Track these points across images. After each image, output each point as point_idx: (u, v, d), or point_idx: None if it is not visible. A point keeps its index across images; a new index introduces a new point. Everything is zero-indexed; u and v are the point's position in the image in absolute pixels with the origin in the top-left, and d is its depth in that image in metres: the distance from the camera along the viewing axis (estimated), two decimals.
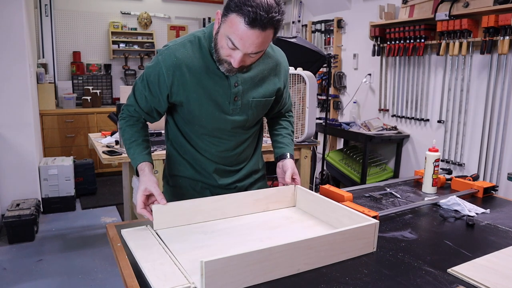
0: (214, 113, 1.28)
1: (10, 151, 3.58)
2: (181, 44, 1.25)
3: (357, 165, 3.84)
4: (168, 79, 1.23)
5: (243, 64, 1.16)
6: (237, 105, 1.29)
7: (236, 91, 1.27)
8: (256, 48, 1.10)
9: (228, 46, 1.11)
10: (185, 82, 1.24)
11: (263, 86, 1.33)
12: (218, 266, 0.84)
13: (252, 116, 1.35)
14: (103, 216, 3.84)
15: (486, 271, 0.97)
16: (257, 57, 1.17)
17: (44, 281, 2.66)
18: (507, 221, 1.33)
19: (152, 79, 1.26)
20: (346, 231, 1.03)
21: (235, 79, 1.25)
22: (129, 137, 1.34)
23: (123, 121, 1.37)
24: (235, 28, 1.07)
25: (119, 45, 5.46)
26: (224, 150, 1.39)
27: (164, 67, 1.23)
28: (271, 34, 1.11)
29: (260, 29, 1.06)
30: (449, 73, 3.22)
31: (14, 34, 3.47)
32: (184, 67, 1.23)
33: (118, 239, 1.12)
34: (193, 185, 1.43)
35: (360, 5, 4.10)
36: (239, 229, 1.21)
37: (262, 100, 1.34)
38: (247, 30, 1.06)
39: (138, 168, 1.28)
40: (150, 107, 1.32)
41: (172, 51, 1.24)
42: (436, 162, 1.58)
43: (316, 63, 3.44)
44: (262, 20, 1.04)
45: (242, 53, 1.11)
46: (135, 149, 1.31)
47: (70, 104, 4.92)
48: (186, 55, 1.23)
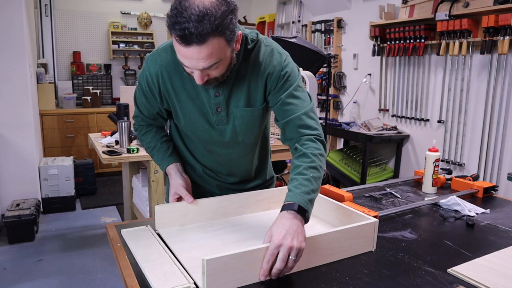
0: (199, 123, 1.21)
1: (10, 151, 3.58)
2: (163, 50, 1.18)
3: (357, 165, 3.84)
4: (155, 86, 1.20)
5: (209, 77, 1.04)
6: (221, 116, 1.19)
7: (218, 101, 1.17)
8: (207, 62, 0.97)
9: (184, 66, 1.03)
10: (168, 90, 1.19)
11: (247, 94, 1.18)
12: (220, 264, 0.85)
13: (240, 128, 1.21)
14: (103, 216, 3.84)
15: (486, 271, 0.97)
16: (221, 67, 1.03)
17: (44, 281, 2.66)
18: (507, 221, 1.33)
19: (144, 86, 1.23)
20: (345, 229, 1.03)
21: (215, 88, 1.15)
22: (148, 145, 1.35)
23: (137, 132, 1.39)
24: (177, 49, 0.97)
25: (119, 45, 5.46)
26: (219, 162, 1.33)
27: (149, 74, 1.19)
28: (219, 41, 0.95)
29: (198, 44, 0.92)
30: (449, 73, 3.22)
31: (14, 34, 3.47)
32: (166, 75, 1.17)
33: (118, 239, 1.12)
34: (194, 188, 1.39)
35: (360, 5, 4.10)
36: (240, 228, 1.21)
37: (247, 109, 1.19)
38: (185, 49, 0.94)
39: (167, 169, 1.31)
40: (153, 113, 1.30)
41: (154, 57, 1.18)
42: (436, 162, 1.58)
43: (316, 63, 3.44)
44: (194, 34, 0.91)
45: (198, 71, 1.00)
46: (157, 155, 1.33)
47: (70, 104, 4.92)
48: (167, 61, 1.16)
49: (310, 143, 1.13)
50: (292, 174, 1.08)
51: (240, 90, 1.17)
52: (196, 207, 1.23)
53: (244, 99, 1.18)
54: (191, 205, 1.22)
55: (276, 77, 1.17)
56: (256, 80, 1.17)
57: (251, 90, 1.18)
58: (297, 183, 1.04)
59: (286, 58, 1.20)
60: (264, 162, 1.44)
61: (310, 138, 1.14)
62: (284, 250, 0.89)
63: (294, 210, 0.98)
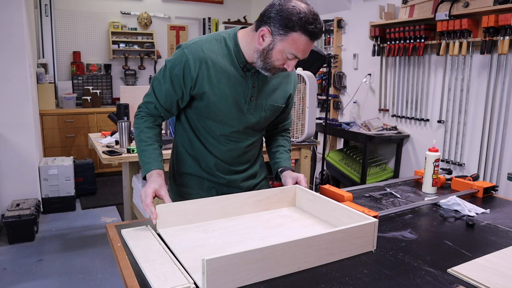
0: (231, 109, 1.34)
1: (10, 151, 3.58)
2: (207, 41, 1.31)
3: (357, 165, 3.84)
4: (195, 71, 1.28)
5: None
6: (251, 105, 1.36)
7: (253, 91, 1.34)
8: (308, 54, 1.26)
9: (286, 58, 1.24)
10: (209, 76, 1.29)
11: (276, 92, 1.41)
12: (220, 264, 0.85)
13: (263, 119, 1.41)
14: (103, 216, 3.84)
15: (486, 271, 0.97)
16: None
17: (44, 281, 2.66)
18: (507, 221, 1.33)
19: (177, 71, 1.29)
20: (346, 229, 1.03)
21: (253, 80, 1.33)
22: (147, 139, 1.35)
23: (141, 120, 1.38)
24: (299, 44, 1.20)
25: (119, 45, 5.46)
26: (232, 149, 1.42)
27: (191, 59, 1.27)
28: None
29: (316, 40, 1.22)
30: (449, 73, 3.22)
31: (14, 34, 3.47)
32: (210, 62, 1.28)
33: (118, 239, 1.12)
34: (199, 183, 1.46)
35: (360, 5, 4.10)
36: (240, 228, 1.22)
37: (274, 105, 1.41)
38: (310, 43, 1.21)
39: (153, 172, 1.29)
40: (171, 102, 1.35)
41: (199, 45, 1.29)
42: (436, 162, 1.58)
43: (316, 63, 3.44)
44: (319, 32, 1.20)
45: (295, 61, 1.25)
46: (152, 153, 1.33)
47: (70, 104, 4.92)
48: (212, 51, 1.30)
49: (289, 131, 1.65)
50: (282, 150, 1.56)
51: (270, 87, 1.39)
52: (196, 207, 1.23)
53: (273, 96, 1.40)
54: (191, 205, 1.23)
55: (295, 88, 1.50)
56: (284, 82, 1.44)
57: (279, 89, 1.42)
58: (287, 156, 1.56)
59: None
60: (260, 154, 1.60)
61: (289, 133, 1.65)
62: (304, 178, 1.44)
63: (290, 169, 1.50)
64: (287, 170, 1.49)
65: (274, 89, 1.40)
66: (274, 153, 1.56)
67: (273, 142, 1.60)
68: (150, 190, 1.22)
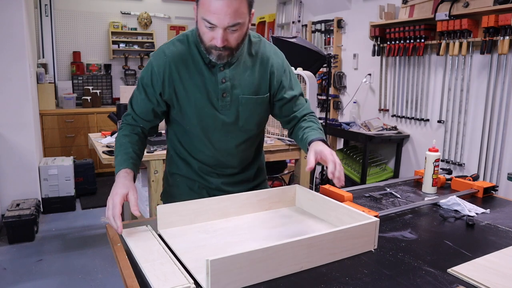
0: (204, 109, 1.29)
1: (10, 151, 3.58)
2: (170, 43, 1.29)
3: (357, 165, 3.84)
4: (160, 76, 1.26)
5: (228, 44, 1.16)
6: (225, 102, 1.29)
7: (224, 87, 1.27)
8: (232, 19, 1.10)
9: (207, 28, 1.13)
10: (175, 79, 1.27)
11: (253, 82, 1.31)
12: (224, 265, 0.85)
13: (243, 114, 1.32)
14: (103, 216, 3.84)
15: (486, 271, 0.97)
16: (239, 33, 1.16)
17: (44, 281, 2.66)
18: (507, 221, 1.33)
19: (146, 80, 1.29)
20: (347, 229, 1.03)
21: (222, 75, 1.26)
22: (120, 145, 1.31)
23: (120, 131, 1.36)
24: (207, 6, 1.09)
25: (119, 45, 5.46)
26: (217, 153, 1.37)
27: (155, 66, 1.27)
28: (243, 2, 1.12)
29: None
30: (449, 73, 3.22)
31: (14, 34, 3.47)
32: (173, 65, 1.26)
33: (118, 239, 1.12)
34: (190, 184, 1.43)
35: (360, 5, 4.10)
36: (241, 228, 1.22)
37: (253, 98, 1.31)
38: (217, 2, 1.08)
39: (119, 173, 1.21)
40: (147, 111, 1.33)
41: (161, 50, 1.29)
42: (436, 162, 1.58)
43: (316, 63, 3.44)
44: None
45: (221, 29, 1.12)
46: (123, 155, 1.27)
47: (70, 104, 4.92)
48: (175, 52, 1.27)
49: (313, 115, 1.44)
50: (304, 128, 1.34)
51: (245, 79, 1.30)
52: (197, 207, 1.23)
53: (251, 87, 1.31)
54: (192, 206, 1.22)
55: (281, 75, 1.36)
56: (262, 71, 1.33)
57: (257, 79, 1.32)
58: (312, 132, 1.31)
59: (284, 58, 1.40)
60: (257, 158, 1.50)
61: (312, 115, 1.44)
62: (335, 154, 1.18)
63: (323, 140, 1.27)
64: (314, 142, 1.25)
65: (251, 81, 1.31)
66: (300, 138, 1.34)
67: (297, 131, 1.38)
68: (118, 199, 1.13)
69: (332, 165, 1.14)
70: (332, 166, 1.14)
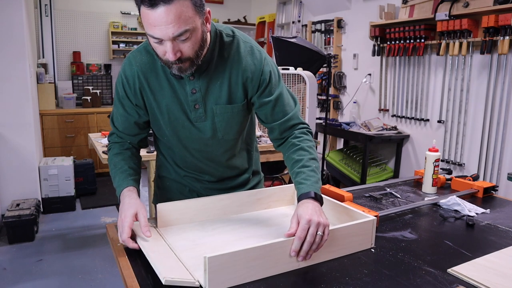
0: (178, 121, 1.19)
1: (10, 151, 3.58)
2: (137, 52, 1.19)
3: (357, 165, 3.84)
4: (131, 88, 1.18)
5: (182, 55, 1.01)
6: (199, 113, 1.17)
7: (195, 98, 1.15)
8: (176, 28, 0.95)
9: (155, 43, 1.01)
10: (145, 91, 1.18)
11: (226, 90, 1.16)
12: (221, 262, 0.85)
13: (220, 125, 1.19)
14: (103, 216, 3.84)
15: (486, 271, 0.97)
16: (193, 40, 1.01)
17: (44, 281, 2.66)
18: (507, 221, 1.33)
19: (121, 94, 1.21)
20: (344, 227, 1.04)
21: (192, 85, 1.14)
22: (115, 166, 1.22)
23: (109, 151, 1.28)
24: (146, 20, 0.97)
25: (119, 45, 5.46)
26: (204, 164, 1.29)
27: (125, 77, 1.18)
28: (186, 4, 0.95)
29: (164, 4, 0.92)
30: (449, 73, 3.22)
31: (14, 34, 3.47)
32: (142, 75, 1.16)
33: (118, 239, 1.12)
34: (180, 188, 1.37)
35: (360, 5, 4.10)
36: (240, 226, 1.22)
37: (228, 107, 1.17)
38: (153, 12, 0.94)
39: (123, 193, 1.14)
40: (129, 125, 1.24)
41: (129, 60, 1.18)
42: (436, 162, 1.58)
43: (316, 63, 3.44)
44: None
45: (169, 42, 0.98)
46: (121, 174, 1.19)
47: (70, 104, 4.92)
48: (142, 62, 1.16)
49: (304, 136, 1.21)
50: (296, 168, 1.13)
51: (219, 87, 1.16)
52: (197, 206, 1.24)
53: (224, 96, 1.17)
54: (191, 204, 1.23)
55: (258, 77, 1.17)
56: (236, 76, 1.16)
57: (231, 86, 1.17)
58: (305, 176, 1.10)
59: (265, 56, 1.20)
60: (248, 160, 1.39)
61: (303, 131, 1.22)
62: (314, 225, 0.96)
63: (312, 197, 1.05)
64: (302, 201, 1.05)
65: (224, 88, 1.16)
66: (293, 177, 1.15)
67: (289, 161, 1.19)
68: (128, 222, 1.04)
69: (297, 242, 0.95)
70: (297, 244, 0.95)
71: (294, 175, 1.13)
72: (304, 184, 1.08)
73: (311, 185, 1.07)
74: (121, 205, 1.11)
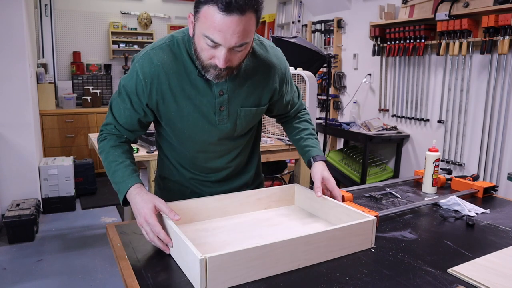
0: (198, 124, 1.17)
1: (10, 151, 3.58)
2: (158, 48, 1.12)
3: (357, 165, 3.84)
4: (146, 87, 1.11)
5: (230, 64, 1.02)
6: (223, 115, 1.17)
7: (222, 100, 1.14)
8: (239, 39, 0.96)
9: (208, 45, 0.98)
10: (164, 92, 1.12)
11: (254, 93, 1.19)
12: (222, 262, 0.86)
13: (240, 126, 1.22)
14: (103, 216, 3.84)
15: (486, 271, 0.97)
16: (244, 52, 1.03)
17: (44, 281, 2.66)
18: (507, 221, 1.33)
19: (130, 89, 1.14)
20: (344, 227, 1.04)
21: (220, 87, 1.12)
22: (116, 158, 1.16)
23: (104, 141, 1.21)
24: (210, 21, 0.93)
25: (119, 45, 5.46)
26: (210, 164, 1.30)
27: (141, 74, 1.11)
28: (253, 19, 0.96)
29: (239, 14, 0.92)
30: (449, 73, 3.22)
31: (14, 34, 3.47)
32: (163, 75, 1.11)
33: (118, 239, 1.12)
34: (182, 190, 1.37)
35: (360, 5, 4.10)
36: (240, 226, 1.22)
37: (252, 109, 1.21)
38: (224, 18, 0.92)
39: (131, 190, 1.10)
40: (132, 121, 1.19)
41: (149, 57, 1.11)
42: (436, 162, 1.58)
43: (316, 63, 3.45)
44: (238, 2, 0.91)
45: (225, 49, 0.97)
46: (125, 170, 1.14)
47: (70, 104, 4.92)
48: (164, 60, 1.11)
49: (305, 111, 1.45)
50: (304, 134, 1.37)
51: (245, 90, 1.17)
52: (197, 205, 1.23)
53: (251, 99, 1.19)
54: (191, 204, 1.23)
55: (283, 80, 1.26)
56: (264, 80, 1.19)
57: (259, 89, 1.20)
58: (313, 142, 1.36)
59: (284, 57, 1.28)
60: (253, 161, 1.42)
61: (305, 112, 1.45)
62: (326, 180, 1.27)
63: (324, 160, 1.32)
64: (319, 161, 1.29)
65: (251, 92, 1.18)
66: (298, 141, 1.37)
67: (293, 129, 1.39)
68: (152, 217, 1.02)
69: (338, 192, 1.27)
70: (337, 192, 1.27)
71: (302, 140, 1.36)
72: (315, 147, 1.34)
73: (320, 151, 1.34)
74: (134, 206, 1.07)
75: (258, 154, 1.44)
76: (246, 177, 1.41)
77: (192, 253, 0.86)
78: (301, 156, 1.38)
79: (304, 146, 1.35)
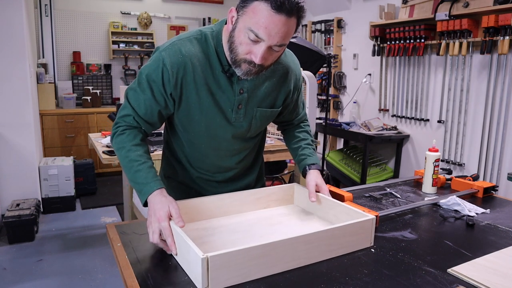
0: (215, 119, 1.18)
1: (10, 151, 3.58)
2: (186, 40, 1.13)
3: (357, 165, 3.84)
4: (173, 76, 1.11)
5: (264, 62, 1.05)
6: (240, 114, 1.19)
7: (241, 98, 1.17)
8: (281, 39, 1.00)
9: (249, 39, 1.01)
10: (188, 83, 1.13)
11: (271, 95, 1.23)
12: (223, 261, 0.86)
13: (254, 126, 1.25)
14: (103, 216, 3.84)
15: (486, 271, 0.97)
16: (279, 53, 1.07)
17: (44, 281, 2.66)
18: (507, 221, 1.33)
19: (155, 77, 1.12)
20: (344, 226, 1.04)
21: (241, 85, 1.15)
22: (138, 158, 1.13)
23: (123, 136, 1.17)
24: (259, 16, 0.97)
25: (119, 45, 5.46)
26: (219, 161, 1.31)
27: (168, 63, 1.10)
28: (295, 24, 1.02)
29: (287, 15, 0.97)
30: (449, 73, 3.22)
31: (14, 34, 3.47)
32: (190, 66, 1.12)
33: (118, 239, 1.12)
34: (186, 190, 1.37)
35: (360, 5, 4.10)
36: (240, 225, 1.22)
37: (268, 110, 1.24)
38: (273, 15, 0.96)
39: (156, 193, 1.08)
40: (152, 112, 1.17)
41: (177, 47, 1.12)
42: (436, 162, 1.58)
43: (316, 63, 3.45)
44: (290, 3, 0.96)
45: (266, 45, 1.00)
46: (149, 172, 1.12)
47: (70, 104, 4.92)
48: (192, 52, 1.12)
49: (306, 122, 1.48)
50: (303, 143, 1.40)
51: (263, 91, 1.21)
52: (197, 205, 1.24)
53: (268, 100, 1.23)
54: (192, 204, 1.23)
55: (297, 85, 1.32)
56: (281, 82, 1.24)
57: (275, 91, 1.24)
58: (310, 152, 1.39)
59: (299, 64, 1.33)
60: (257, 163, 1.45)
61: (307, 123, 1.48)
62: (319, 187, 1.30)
63: (319, 169, 1.35)
64: (313, 169, 1.33)
65: (269, 93, 1.22)
66: (296, 149, 1.40)
67: (293, 138, 1.43)
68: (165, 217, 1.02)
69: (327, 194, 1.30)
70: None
71: (300, 148, 1.39)
72: (312, 156, 1.37)
73: (317, 159, 1.38)
74: (153, 204, 1.06)
75: (262, 158, 1.48)
76: (249, 179, 1.43)
77: (194, 252, 0.87)
78: (297, 164, 1.41)
79: (301, 154, 1.37)
